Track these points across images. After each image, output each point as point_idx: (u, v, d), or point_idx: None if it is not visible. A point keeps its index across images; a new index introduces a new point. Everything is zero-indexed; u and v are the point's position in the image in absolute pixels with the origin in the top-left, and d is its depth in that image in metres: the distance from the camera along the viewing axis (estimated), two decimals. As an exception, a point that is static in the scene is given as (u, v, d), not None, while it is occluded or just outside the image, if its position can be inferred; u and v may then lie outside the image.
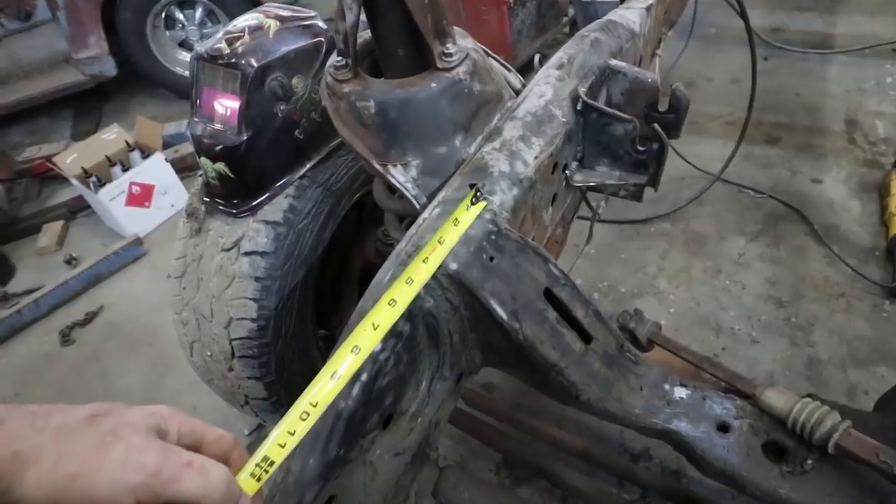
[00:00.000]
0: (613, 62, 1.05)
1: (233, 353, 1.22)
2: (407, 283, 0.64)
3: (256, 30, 1.10)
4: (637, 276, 2.14)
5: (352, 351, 0.56)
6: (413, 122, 0.82)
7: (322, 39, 1.14)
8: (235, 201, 1.19)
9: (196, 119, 1.16)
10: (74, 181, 2.77)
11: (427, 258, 0.68)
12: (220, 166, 1.13)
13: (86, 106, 4.19)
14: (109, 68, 3.63)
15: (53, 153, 3.28)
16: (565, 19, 3.49)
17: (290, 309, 1.24)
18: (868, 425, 0.76)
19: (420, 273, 0.66)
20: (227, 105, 1.10)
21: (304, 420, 0.50)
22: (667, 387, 0.82)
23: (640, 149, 0.96)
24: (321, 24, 1.16)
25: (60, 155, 2.89)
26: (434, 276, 0.68)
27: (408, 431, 0.73)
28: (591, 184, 1.01)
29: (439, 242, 0.69)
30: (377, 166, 0.83)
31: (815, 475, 0.72)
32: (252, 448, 0.49)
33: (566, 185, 1.00)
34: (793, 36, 3.29)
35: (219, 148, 1.11)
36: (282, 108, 1.12)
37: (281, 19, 1.12)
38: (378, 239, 1.47)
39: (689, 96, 1.01)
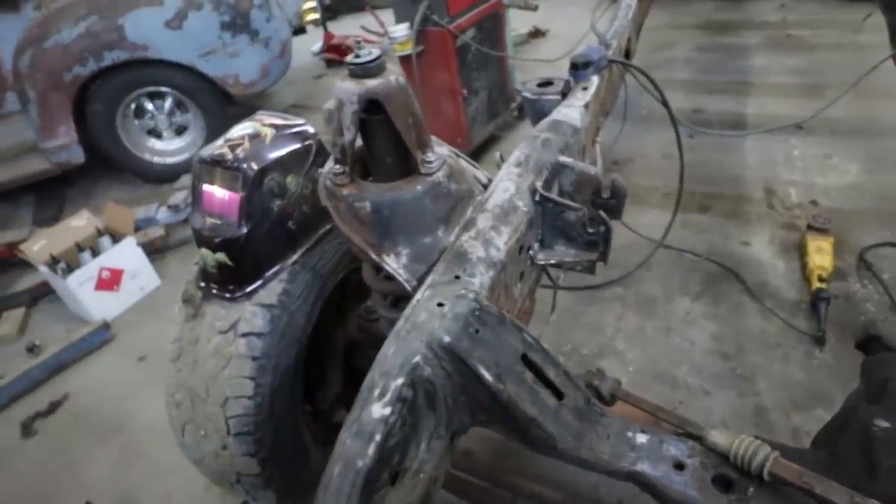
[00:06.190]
0: (562, 158, 1.25)
1: (228, 431, 1.28)
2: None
3: (254, 137, 1.26)
4: (597, 339, 2.31)
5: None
6: (402, 218, 0.97)
7: (311, 143, 1.30)
8: (231, 287, 1.29)
9: (197, 213, 1.29)
10: (43, 268, 2.77)
11: None
12: (221, 256, 1.25)
13: (48, 192, 4.21)
14: (77, 156, 3.71)
15: (17, 240, 3.29)
16: (514, 105, 3.86)
17: (284, 385, 1.32)
18: (803, 459, 0.91)
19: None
20: (228, 202, 1.23)
21: None
22: (629, 434, 0.95)
23: (590, 231, 1.14)
24: (310, 129, 1.33)
25: (27, 242, 2.90)
26: (431, 348, 0.82)
27: (412, 487, 0.83)
28: (552, 262, 1.18)
29: None
30: (373, 256, 0.97)
31: (757, 501, 0.86)
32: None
33: (531, 264, 1.17)
34: (711, 116, 3.75)
35: (219, 240, 1.23)
36: (277, 203, 1.26)
37: (275, 127, 1.29)
38: (360, 315, 1.59)
39: (626, 186, 1.22)
